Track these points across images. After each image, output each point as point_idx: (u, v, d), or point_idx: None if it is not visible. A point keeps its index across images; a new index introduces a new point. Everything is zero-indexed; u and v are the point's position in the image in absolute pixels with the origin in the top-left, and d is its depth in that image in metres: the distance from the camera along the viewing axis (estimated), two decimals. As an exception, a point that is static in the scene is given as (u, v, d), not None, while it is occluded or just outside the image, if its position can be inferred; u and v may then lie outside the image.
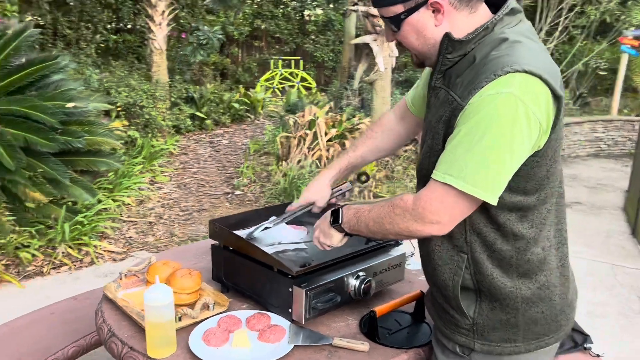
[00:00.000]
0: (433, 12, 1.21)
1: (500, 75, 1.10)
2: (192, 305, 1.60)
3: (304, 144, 6.01)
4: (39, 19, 8.31)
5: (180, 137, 8.15)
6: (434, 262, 1.33)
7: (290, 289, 1.51)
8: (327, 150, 5.99)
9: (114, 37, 9.80)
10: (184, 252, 2.12)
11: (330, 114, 6.67)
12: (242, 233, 1.77)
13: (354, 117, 6.69)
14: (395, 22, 1.27)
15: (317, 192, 1.79)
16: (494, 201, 1.13)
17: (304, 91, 11.64)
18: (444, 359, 1.38)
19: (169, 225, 4.78)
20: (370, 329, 1.51)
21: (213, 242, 1.79)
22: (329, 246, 1.49)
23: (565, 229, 1.34)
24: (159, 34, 7.81)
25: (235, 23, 13.35)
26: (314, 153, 5.95)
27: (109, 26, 9.79)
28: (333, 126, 6.18)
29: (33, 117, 4.14)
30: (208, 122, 8.83)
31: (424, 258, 1.38)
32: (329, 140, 6.06)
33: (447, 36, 1.21)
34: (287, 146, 6.27)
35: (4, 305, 3.27)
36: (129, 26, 10.67)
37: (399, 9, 1.23)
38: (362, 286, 1.60)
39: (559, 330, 1.31)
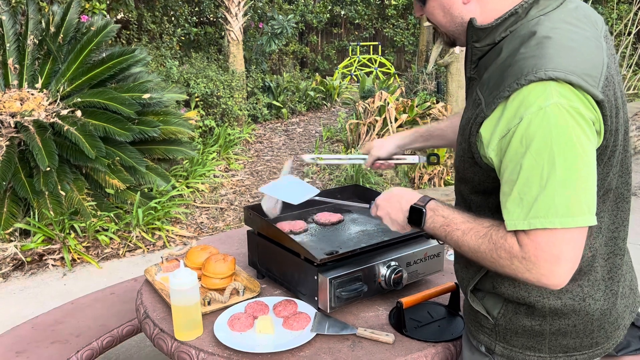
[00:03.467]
0: None
1: (524, 85, 0.98)
2: (223, 290, 1.63)
3: (374, 130, 5.92)
4: (129, 15, 8.78)
5: (257, 126, 8.33)
6: (456, 259, 1.31)
7: (315, 277, 1.49)
8: (398, 136, 5.86)
9: (195, 29, 10.16)
10: (230, 238, 2.16)
11: (401, 99, 6.52)
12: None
13: (426, 102, 6.49)
14: None
15: (378, 144, 1.74)
16: (595, 221, 1.00)
17: (382, 77, 11.48)
18: (469, 355, 1.32)
19: (239, 211, 4.91)
20: (397, 320, 1.46)
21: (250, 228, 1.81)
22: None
23: (623, 237, 1.19)
24: (235, 24, 7.99)
25: (314, 11, 13.40)
26: (384, 139, 5.84)
27: (190, 19, 10.15)
28: (404, 112, 6.04)
29: (112, 108, 4.40)
30: (284, 110, 8.95)
31: (455, 254, 1.32)
32: (400, 126, 5.93)
33: (470, 23, 1.12)
34: (356, 133, 6.22)
35: (83, 284, 3.52)
36: (211, 18, 11.01)
37: None
38: (393, 276, 1.55)
39: (594, 347, 1.18)
